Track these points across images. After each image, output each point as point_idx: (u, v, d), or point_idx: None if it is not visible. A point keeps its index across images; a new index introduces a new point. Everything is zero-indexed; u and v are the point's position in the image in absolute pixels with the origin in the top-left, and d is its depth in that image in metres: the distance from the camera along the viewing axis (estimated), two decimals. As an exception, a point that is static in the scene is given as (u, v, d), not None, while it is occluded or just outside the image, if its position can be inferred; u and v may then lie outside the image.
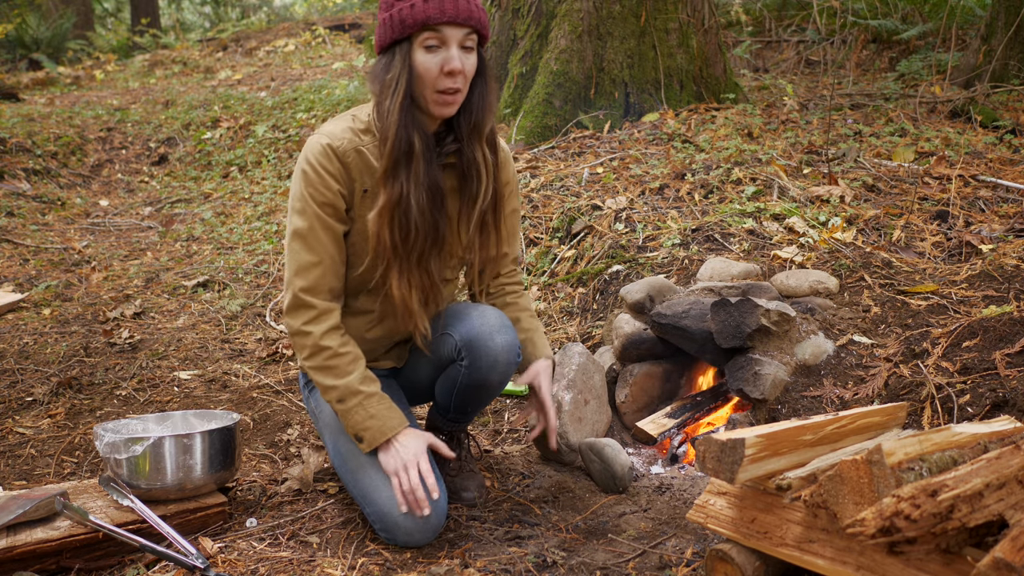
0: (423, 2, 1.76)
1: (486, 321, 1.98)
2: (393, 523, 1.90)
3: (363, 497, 1.96)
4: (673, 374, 2.70)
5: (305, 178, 1.89)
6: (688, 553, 1.88)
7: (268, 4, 17.61)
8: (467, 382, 2.02)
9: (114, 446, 1.95)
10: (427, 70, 1.80)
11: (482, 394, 2.07)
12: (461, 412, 2.16)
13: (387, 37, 1.82)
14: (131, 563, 1.85)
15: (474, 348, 1.97)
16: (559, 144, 4.45)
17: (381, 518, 1.92)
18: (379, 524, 1.94)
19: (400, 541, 1.92)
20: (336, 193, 1.89)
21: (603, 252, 3.27)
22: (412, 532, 1.90)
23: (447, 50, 1.80)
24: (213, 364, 3.13)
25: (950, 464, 1.43)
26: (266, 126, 6.58)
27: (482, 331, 1.97)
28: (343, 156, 1.89)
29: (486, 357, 1.97)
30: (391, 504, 1.90)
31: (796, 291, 2.65)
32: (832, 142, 4.10)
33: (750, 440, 1.52)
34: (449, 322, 2.04)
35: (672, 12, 4.76)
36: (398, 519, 1.89)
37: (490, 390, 2.06)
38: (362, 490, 1.96)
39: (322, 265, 1.91)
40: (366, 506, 1.96)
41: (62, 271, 4.28)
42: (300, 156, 1.92)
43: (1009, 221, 3.15)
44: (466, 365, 1.99)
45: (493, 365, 1.98)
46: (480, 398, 2.09)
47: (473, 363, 1.98)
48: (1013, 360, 2.11)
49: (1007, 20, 4.90)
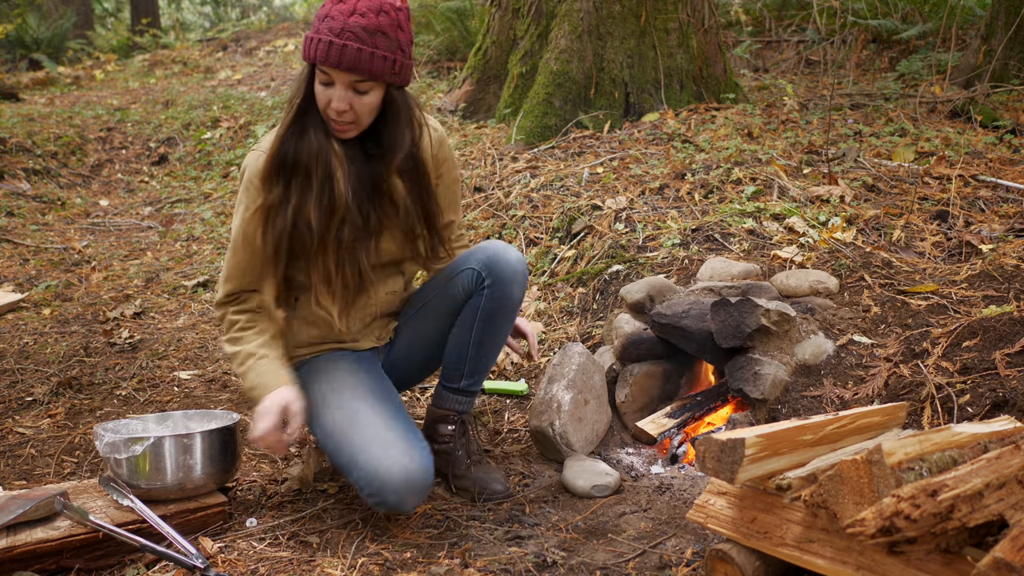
0: (318, 40, 1.89)
1: (494, 244, 2.16)
2: (380, 483, 1.88)
3: (350, 463, 1.94)
4: (673, 374, 2.70)
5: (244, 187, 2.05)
6: (688, 553, 1.88)
7: (268, 4, 17.61)
8: (490, 305, 2.13)
9: (114, 446, 1.95)
10: (318, 99, 1.97)
11: (504, 318, 2.17)
12: (477, 361, 2.20)
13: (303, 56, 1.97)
14: (131, 563, 1.85)
15: (494, 265, 2.12)
16: (559, 144, 4.45)
17: (368, 480, 1.89)
18: (367, 488, 1.91)
19: (390, 502, 1.89)
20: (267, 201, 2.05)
21: (603, 252, 3.27)
22: (399, 490, 1.87)
23: (333, 89, 1.92)
24: (213, 364, 3.13)
25: (950, 464, 1.43)
26: (266, 126, 6.58)
27: (496, 250, 2.14)
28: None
29: (506, 269, 2.12)
30: (377, 460, 1.89)
31: (796, 291, 2.65)
32: (832, 142, 4.10)
33: (750, 440, 1.52)
34: (459, 263, 2.18)
35: (672, 12, 4.76)
36: (385, 476, 1.87)
37: (511, 308, 2.17)
38: (348, 456, 1.95)
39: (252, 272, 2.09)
40: (353, 471, 1.93)
41: (62, 271, 4.28)
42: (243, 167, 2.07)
43: (1009, 221, 3.15)
44: (488, 284, 2.12)
45: (513, 277, 2.13)
46: (501, 325, 2.18)
47: (496, 280, 2.12)
48: (1013, 360, 2.11)
49: (1007, 20, 4.90)
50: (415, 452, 1.92)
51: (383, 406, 2.03)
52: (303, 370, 2.16)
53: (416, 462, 1.90)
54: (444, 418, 2.27)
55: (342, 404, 2.03)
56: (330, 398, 2.05)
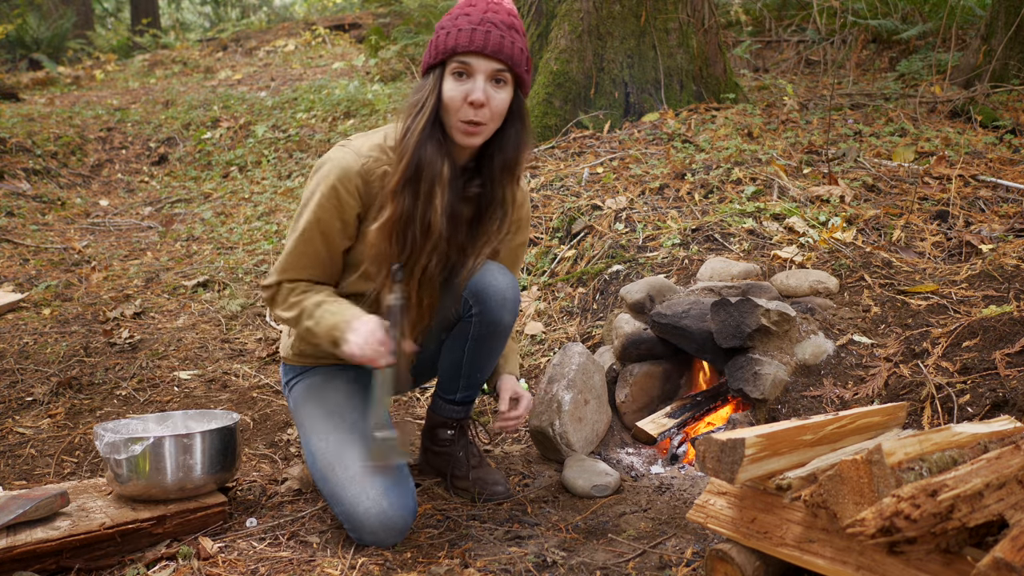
0: (457, 30, 1.84)
1: (486, 269, 2.05)
2: (359, 523, 1.90)
3: (332, 497, 1.96)
4: (673, 374, 2.70)
5: (325, 188, 1.93)
6: (688, 553, 1.88)
7: (268, 4, 17.61)
8: (480, 331, 2.06)
9: (114, 446, 1.95)
10: (452, 98, 1.87)
11: (495, 341, 2.10)
12: (470, 378, 2.17)
13: (426, 62, 1.90)
14: (131, 563, 1.85)
15: (482, 294, 2.03)
16: (559, 144, 4.45)
17: (348, 518, 1.92)
18: (347, 524, 1.93)
19: (367, 541, 1.91)
20: (351, 211, 1.95)
21: (603, 252, 3.27)
22: (376, 531, 1.89)
23: (473, 81, 1.85)
24: (213, 364, 3.13)
25: (950, 464, 1.43)
26: (266, 126, 6.58)
27: (485, 277, 2.03)
28: (367, 175, 1.94)
29: (495, 297, 2.03)
30: (356, 502, 1.89)
31: (796, 291, 2.65)
32: (832, 142, 4.10)
33: (750, 440, 1.52)
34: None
35: (672, 12, 4.76)
36: (363, 518, 1.89)
37: (502, 332, 2.10)
38: (331, 490, 1.95)
39: (315, 268, 1.99)
40: (335, 506, 1.95)
41: (62, 271, 4.28)
42: (326, 163, 1.95)
43: (1009, 221, 3.15)
44: (477, 312, 2.04)
45: (503, 303, 2.04)
46: (493, 347, 2.12)
47: (484, 307, 2.03)
48: (1013, 360, 2.11)
49: (1007, 20, 4.90)
50: (394, 495, 1.91)
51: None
52: (299, 385, 2.16)
53: (394, 505, 1.90)
54: (443, 423, 2.27)
55: (330, 435, 2.01)
56: (320, 425, 2.04)
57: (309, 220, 1.95)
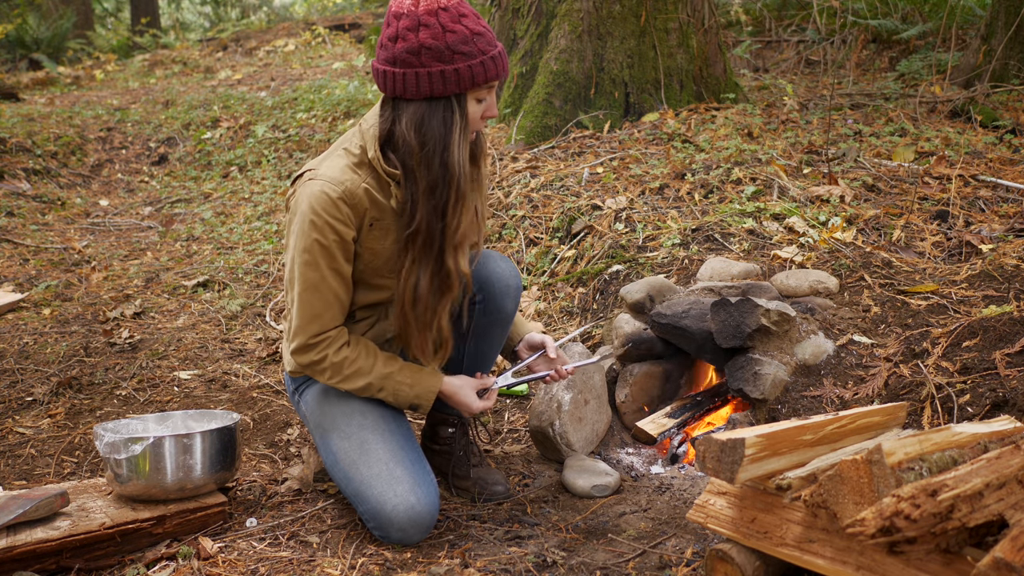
0: (492, 62, 1.88)
1: (486, 257, 2.14)
2: (386, 520, 1.91)
3: (356, 496, 1.97)
4: (673, 374, 2.70)
5: (314, 228, 1.89)
6: (688, 553, 1.88)
7: (268, 4, 17.60)
8: (483, 319, 2.13)
9: (114, 446, 1.95)
10: (474, 120, 1.95)
11: (497, 330, 2.17)
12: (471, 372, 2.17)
13: (443, 89, 1.86)
14: (131, 563, 1.85)
15: (486, 281, 2.11)
16: (559, 144, 4.45)
17: (374, 516, 1.93)
18: (372, 522, 1.94)
19: (394, 538, 1.93)
20: (349, 237, 1.95)
21: (603, 252, 3.27)
22: (405, 528, 1.91)
23: (489, 96, 1.94)
24: (213, 364, 3.13)
25: (950, 464, 1.43)
26: (266, 126, 6.58)
27: (487, 264, 2.12)
28: (351, 199, 1.92)
29: (498, 283, 2.12)
30: (383, 499, 1.91)
31: (796, 291, 2.65)
32: (832, 142, 4.10)
33: (750, 440, 1.52)
34: None
35: (672, 12, 4.76)
36: (391, 515, 1.90)
37: (504, 321, 2.17)
38: (355, 489, 1.96)
39: (332, 309, 1.97)
40: (359, 504, 1.96)
41: (62, 271, 4.28)
42: (302, 203, 1.91)
43: (1009, 221, 3.15)
44: (480, 300, 2.12)
45: (505, 291, 2.13)
46: (494, 337, 2.19)
47: (488, 294, 2.12)
48: (1013, 360, 2.11)
49: (1007, 20, 4.90)
50: (421, 490, 1.93)
51: (392, 436, 2.02)
52: (312, 388, 2.15)
53: (422, 501, 1.92)
54: (444, 421, 2.28)
55: (351, 433, 2.02)
56: (340, 423, 2.04)
57: (314, 266, 1.92)
